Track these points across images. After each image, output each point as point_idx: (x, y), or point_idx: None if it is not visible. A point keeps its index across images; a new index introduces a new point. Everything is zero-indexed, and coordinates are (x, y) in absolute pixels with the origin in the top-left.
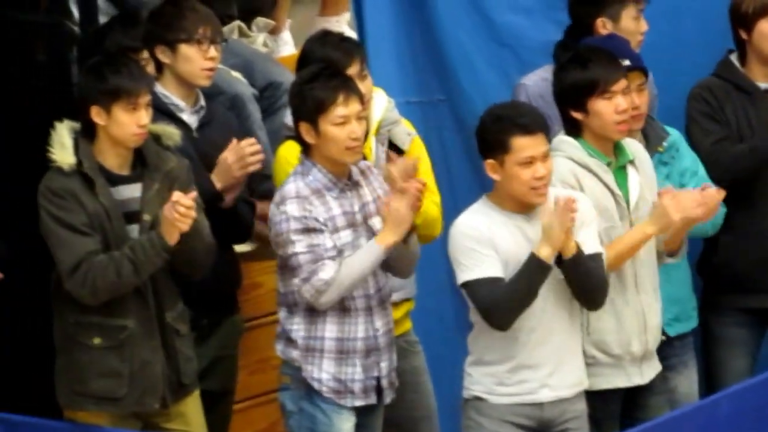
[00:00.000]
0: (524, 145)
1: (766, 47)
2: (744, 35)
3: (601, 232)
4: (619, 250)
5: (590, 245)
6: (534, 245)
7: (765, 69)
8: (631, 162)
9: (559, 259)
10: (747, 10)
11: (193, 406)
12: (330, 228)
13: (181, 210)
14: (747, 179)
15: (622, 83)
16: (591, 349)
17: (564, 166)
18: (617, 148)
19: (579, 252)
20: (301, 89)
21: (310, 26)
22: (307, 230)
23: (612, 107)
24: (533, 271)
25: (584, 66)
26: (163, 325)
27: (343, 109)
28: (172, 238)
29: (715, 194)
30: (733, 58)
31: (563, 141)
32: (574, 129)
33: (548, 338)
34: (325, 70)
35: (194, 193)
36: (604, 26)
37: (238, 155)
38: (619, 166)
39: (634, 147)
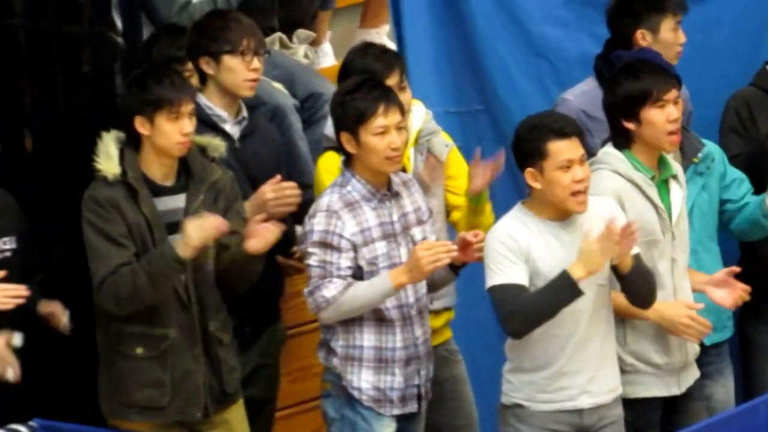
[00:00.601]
0: (561, 148)
1: None
2: None
3: (642, 245)
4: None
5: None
6: (571, 256)
7: None
8: (674, 177)
9: (614, 270)
10: None
11: (237, 414)
12: (361, 241)
13: (208, 229)
14: None
15: (673, 93)
16: (629, 358)
17: (610, 180)
18: (661, 163)
19: (636, 263)
20: (342, 100)
21: (350, 38)
22: (325, 245)
23: (664, 116)
24: (562, 289)
25: (636, 76)
26: (206, 334)
27: (383, 119)
28: (185, 253)
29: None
30: None
31: (609, 154)
32: (623, 141)
33: (587, 345)
34: (367, 82)
35: (225, 226)
36: (643, 38)
37: (278, 195)
38: (662, 179)
39: (675, 164)
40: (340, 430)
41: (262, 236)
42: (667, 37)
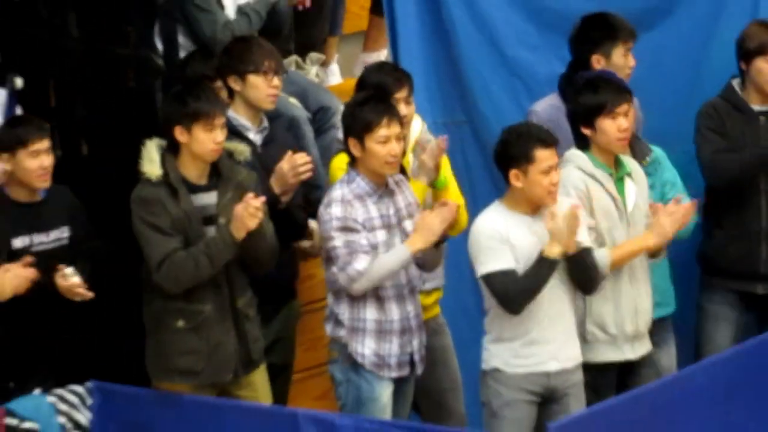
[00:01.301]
0: (545, 155)
1: (759, 79)
2: (744, 66)
3: (603, 230)
4: (622, 255)
5: (584, 241)
6: (542, 242)
7: (759, 95)
8: (629, 174)
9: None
10: (748, 47)
11: (260, 377)
12: (368, 228)
13: (251, 210)
14: (738, 184)
15: (624, 107)
16: (592, 328)
17: (576, 174)
18: (618, 162)
19: (581, 250)
20: (353, 110)
21: (355, 60)
22: (346, 228)
23: (616, 126)
24: (543, 267)
25: (595, 91)
26: (235, 310)
27: (386, 130)
28: (240, 234)
29: (690, 206)
30: (735, 83)
31: (574, 154)
32: (583, 144)
33: (555, 318)
34: (374, 96)
35: (263, 198)
36: (598, 62)
37: (292, 165)
38: (619, 177)
39: (632, 164)
40: (347, 390)
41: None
42: (618, 62)
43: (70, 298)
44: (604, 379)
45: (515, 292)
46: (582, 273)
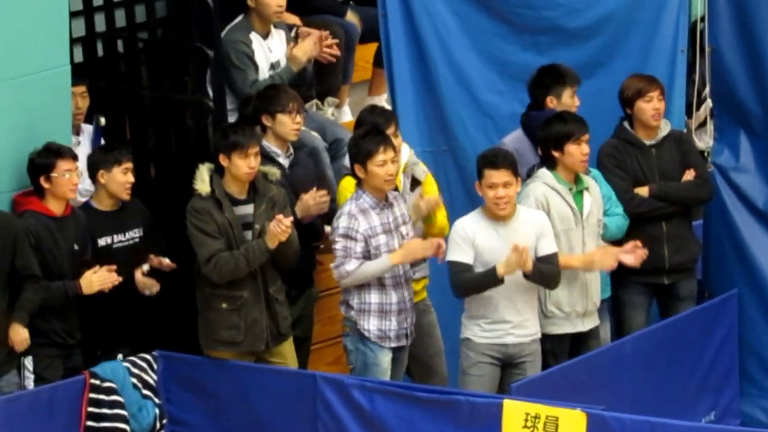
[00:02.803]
0: (491, 174)
1: (642, 118)
2: (629, 110)
3: (560, 232)
4: (570, 265)
5: (548, 248)
6: (506, 246)
7: (646, 131)
8: (586, 189)
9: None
10: (628, 94)
11: (288, 347)
12: (371, 234)
13: (282, 227)
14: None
15: (586, 136)
16: (551, 307)
17: (540, 188)
18: (578, 179)
19: (535, 266)
20: (356, 142)
21: (362, 102)
22: (346, 237)
23: (580, 150)
24: (489, 279)
25: (564, 122)
26: (268, 295)
27: (383, 156)
28: (272, 245)
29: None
30: (626, 123)
31: (542, 172)
32: (551, 164)
33: (512, 304)
34: (372, 131)
35: (291, 217)
36: (551, 102)
37: (316, 201)
38: (578, 190)
39: (588, 181)
40: (356, 357)
41: (274, 234)
42: (566, 102)
43: (141, 291)
44: (561, 346)
45: (461, 283)
46: (540, 281)
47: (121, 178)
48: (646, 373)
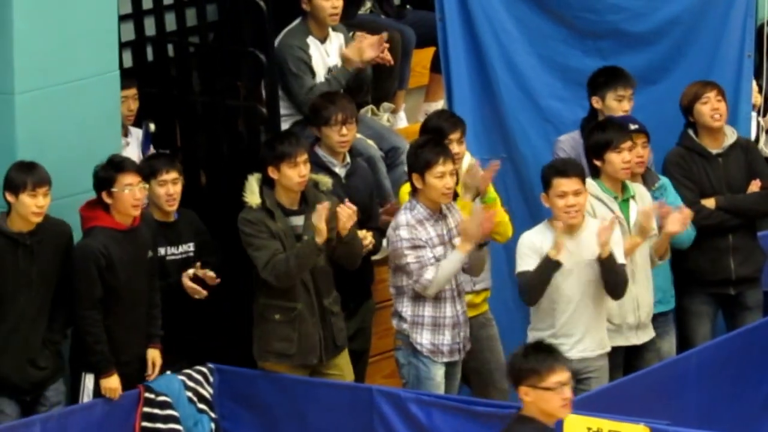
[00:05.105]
0: (560, 182)
1: (701, 121)
2: (691, 118)
3: None
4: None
5: (619, 257)
6: (571, 256)
7: (710, 138)
8: (633, 197)
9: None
10: (685, 102)
11: (344, 359)
12: (430, 245)
13: (348, 212)
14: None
15: (628, 143)
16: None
17: None
18: (624, 188)
19: (611, 256)
20: (416, 151)
21: (418, 109)
22: (415, 246)
23: (620, 158)
24: (546, 266)
25: (604, 131)
26: (322, 307)
27: (442, 167)
28: (321, 239)
29: (686, 213)
30: (690, 131)
31: (587, 182)
32: (595, 172)
33: (578, 318)
34: (432, 140)
35: (355, 207)
36: (597, 102)
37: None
38: (624, 199)
39: (637, 189)
40: (408, 371)
41: (342, 221)
42: (611, 104)
43: (190, 294)
44: (614, 360)
45: (524, 284)
46: (610, 277)
47: (157, 190)
48: (710, 388)
